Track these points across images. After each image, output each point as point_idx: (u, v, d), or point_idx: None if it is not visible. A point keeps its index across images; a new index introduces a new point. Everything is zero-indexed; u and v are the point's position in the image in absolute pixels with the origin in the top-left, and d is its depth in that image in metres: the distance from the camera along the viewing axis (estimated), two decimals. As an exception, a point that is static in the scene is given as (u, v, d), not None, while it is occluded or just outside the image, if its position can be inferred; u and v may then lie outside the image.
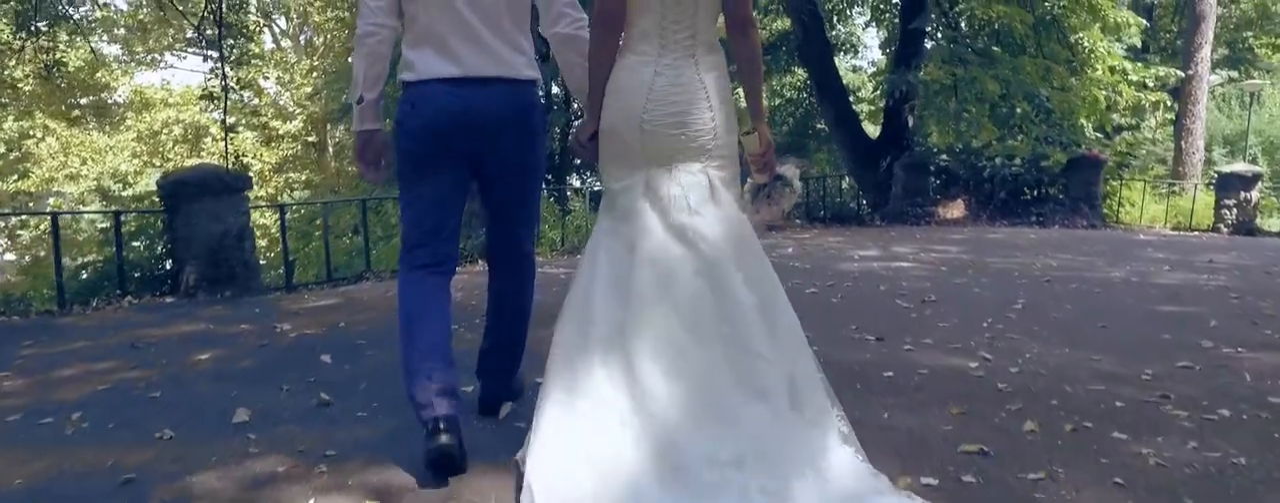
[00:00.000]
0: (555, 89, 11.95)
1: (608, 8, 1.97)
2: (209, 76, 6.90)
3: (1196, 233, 11.47)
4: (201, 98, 7.29)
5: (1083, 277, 5.71)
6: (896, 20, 14.51)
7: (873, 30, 18.23)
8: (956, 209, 11.91)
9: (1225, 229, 11.34)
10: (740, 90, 2.24)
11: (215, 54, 5.98)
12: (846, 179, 13.63)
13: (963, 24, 13.19)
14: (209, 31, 5.72)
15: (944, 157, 12.56)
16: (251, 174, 22.92)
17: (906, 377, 2.95)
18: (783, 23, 15.56)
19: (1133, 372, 3.03)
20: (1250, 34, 23.26)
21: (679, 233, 1.91)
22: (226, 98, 5.85)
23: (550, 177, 12.44)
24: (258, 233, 15.43)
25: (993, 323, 3.99)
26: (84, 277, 6.00)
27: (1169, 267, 6.21)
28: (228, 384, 3.04)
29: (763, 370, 1.83)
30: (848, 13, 17.16)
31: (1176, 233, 11.47)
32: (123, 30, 22.63)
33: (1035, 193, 12.21)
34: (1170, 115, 15.62)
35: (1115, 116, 14.53)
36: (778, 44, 15.06)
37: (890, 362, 3.18)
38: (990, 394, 2.74)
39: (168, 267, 5.98)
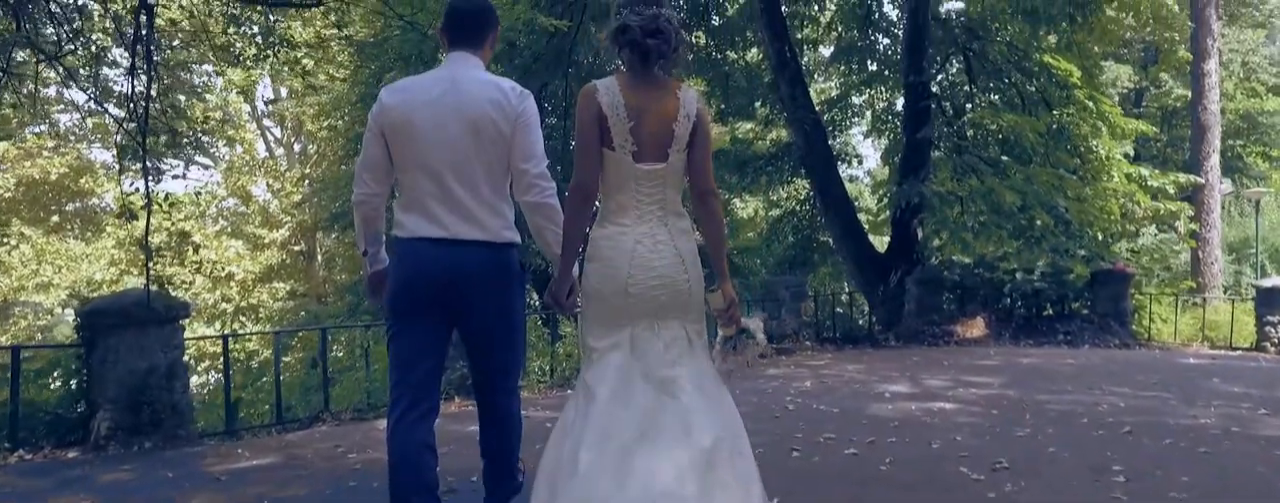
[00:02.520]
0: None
1: (584, 185, 2.21)
2: (129, 190, 6.12)
3: (1239, 352, 10.61)
4: (118, 215, 6.50)
5: (1166, 424, 4.81)
6: (898, 131, 14.15)
7: (870, 141, 18.02)
8: (976, 328, 11.09)
9: (1272, 348, 10.48)
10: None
11: (138, 165, 5.29)
12: (851, 294, 12.87)
13: (970, 133, 12.79)
14: (140, 138, 5.02)
15: (958, 271, 11.84)
16: (233, 283, 22.24)
17: None
18: (780, 133, 15.21)
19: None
20: (1241, 143, 23.25)
21: (660, 386, 2.11)
22: (150, 215, 5.07)
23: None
24: (214, 363, 14.14)
25: (1102, 510, 3.08)
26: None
27: (1264, 410, 5.29)
28: None
29: None
30: (847, 123, 16.89)
31: (1218, 352, 10.59)
32: (119, 138, 22.35)
33: (1058, 309, 11.46)
34: (1193, 226, 15.07)
35: (1127, 226, 14.00)
36: (779, 155, 14.60)
37: (1000, 595, 2.26)
38: None
39: (82, 410, 5.04)
